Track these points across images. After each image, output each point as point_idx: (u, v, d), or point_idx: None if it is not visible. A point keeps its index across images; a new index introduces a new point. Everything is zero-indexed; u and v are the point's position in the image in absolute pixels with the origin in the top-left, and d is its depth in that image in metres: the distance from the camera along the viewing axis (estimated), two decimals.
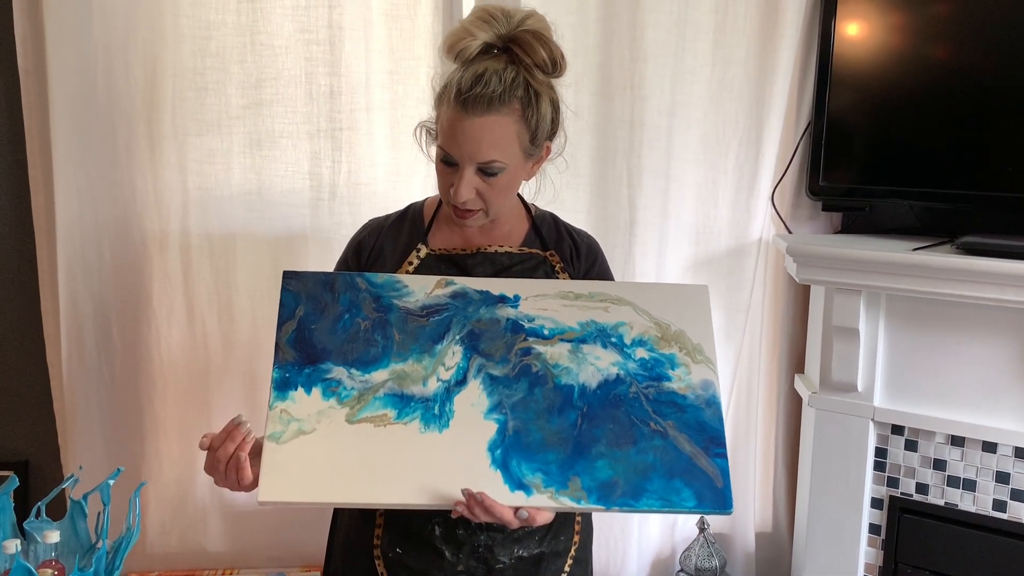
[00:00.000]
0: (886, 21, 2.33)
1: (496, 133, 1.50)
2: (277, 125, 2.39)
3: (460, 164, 1.52)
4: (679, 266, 2.54)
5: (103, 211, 2.38)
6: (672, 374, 1.52)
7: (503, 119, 1.50)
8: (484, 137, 1.50)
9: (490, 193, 1.55)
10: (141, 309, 2.44)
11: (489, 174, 1.53)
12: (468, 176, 1.52)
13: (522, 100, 1.51)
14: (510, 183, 1.58)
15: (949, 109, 2.28)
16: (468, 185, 1.52)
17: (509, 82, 1.49)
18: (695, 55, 2.44)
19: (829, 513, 2.41)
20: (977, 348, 2.21)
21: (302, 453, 1.42)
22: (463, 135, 1.49)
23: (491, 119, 1.49)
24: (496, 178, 1.54)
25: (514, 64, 1.52)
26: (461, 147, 1.50)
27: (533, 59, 1.53)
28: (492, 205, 1.58)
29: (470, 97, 1.47)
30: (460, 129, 1.49)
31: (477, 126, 1.49)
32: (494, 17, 1.52)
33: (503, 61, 1.51)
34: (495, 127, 1.50)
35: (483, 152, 1.50)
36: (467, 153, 1.51)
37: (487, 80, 1.48)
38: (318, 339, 1.51)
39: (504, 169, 1.53)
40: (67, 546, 1.86)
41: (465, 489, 1.38)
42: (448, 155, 1.53)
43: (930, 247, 2.24)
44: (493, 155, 1.51)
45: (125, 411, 2.47)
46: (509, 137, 1.52)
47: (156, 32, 2.33)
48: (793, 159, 2.51)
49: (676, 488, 1.43)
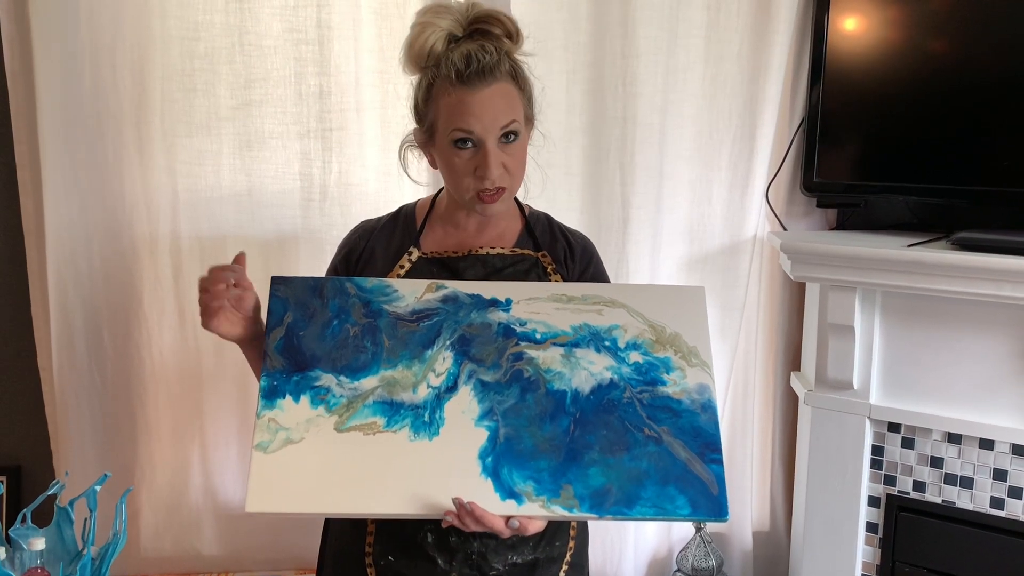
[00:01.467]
0: (880, 15, 2.31)
1: (506, 97, 1.52)
2: (267, 126, 2.38)
3: (482, 139, 1.51)
4: (673, 264, 2.53)
5: (92, 214, 2.36)
6: (667, 378, 1.50)
7: (504, 85, 1.52)
8: (497, 103, 1.51)
9: (513, 164, 1.55)
10: (132, 313, 2.42)
11: (509, 141, 1.53)
12: (493, 149, 1.51)
13: (509, 69, 1.54)
14: (524, 153, 1.59)
15: (944, 104, 2.27)
16: (496, 159, 1.52)
17: (495, 54, 1.51)
18: (687, 51, 2.42)
19: (826, 511, 2.40)
20: (974, 345, 2.20)
21: (290, 463, 1.41)
22: (479, 107, 1.50)
23: (496, 86, 1.51)
24: (515, 145, 1.54)
25: (488, 40, 1.54)
26: (481, 119, 1.50)
27: (502, 29, 1.55)
28: (516, 179, 1.58)
29: (470, 73, 1.49)
30: (473, 103, 1.50)
31: (487, 95, 1.50)
32: (445, 8, 1.55)
33: (475, 41, 1.53)
34: (502, 92, 1.52)
35: (502, 116, 1.51)
36: (488, 122, 1.50)
37: (476, 56, 1.50)
38: (307, 346, 1.50)
39: (519, 133, 1.55)
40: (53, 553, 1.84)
41: (456, 499, 1.37)
42: (467, 136, 1.51)
43: (925, 243, 2.23)
44: (511, 115, 1.53)
45: (117, 415, 2.45)
46: (515, 100, 1.55)
47: (144, 33, 2.31)
48: (787, 156, 2.49)
49: (670, 495, 1.41)
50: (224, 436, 2.49)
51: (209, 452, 2.49)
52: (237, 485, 2.52)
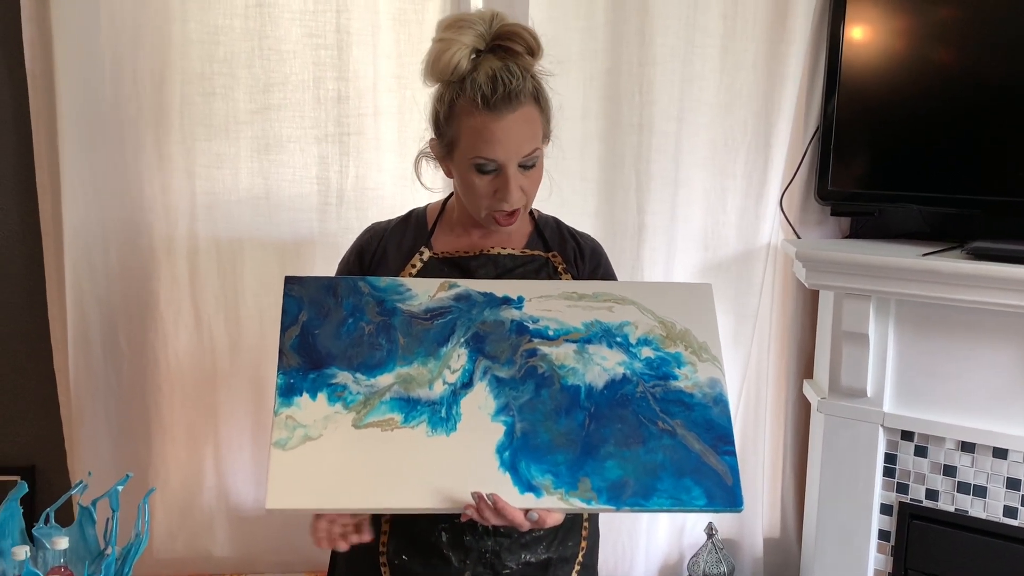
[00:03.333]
0: (895, 25, 2.32)
1: (529, 123, 1.52)
2: (285, 130, 2.39)
3: (504, 166, 1.51)
4: (688, 271, 2.53)
5: (110, 215, 2.38)
6: (678, 373, 1.52)
7: (528, 110, 1.52)
8: (522, 131, 1.51)
9: (530, 186, 1.56)
10: (148, 314, 2.44)
11: (528, 167, 1.54)
12: (514, 175, 1.52)
13: (532, 90, 1.53)
14: (541, 172, 1.59)
15: (959, 113, 2.27)
16: (516, 183, 1.53)
17: (517, 73, 1.50)
18: (704, 60, 2.43)
19: (838, 519, 2.40)
20: (987, 354, 2.20)
21: (309, 459, 1.41)
22: (503, 134, 1.49)
23: (521, 112, 1.50)
24: (534, 169, 1.55)
25: (510, 57, 1.53)
26: (506, 147, 1.50)
27: (524, 46, 1.54)
28: (532, 197, 1.59)
29: (497, 99, 1.48)
30: (498, 130, 1.49)
31: (511, 123, 1.50)
32: (467, 22, 1.52)
33: (498, 58, 1.52)
34: (526, 119, 1.52)
35: (525, 145, 1.52)
36: (512, 151, 1.51)
37: (502, 79, 1.48)
38: (322, 344, 1.51)
39: (539, 158, 1.56)
40: (76, 552, 1.86)
41: (475, 492, 1.37)
42: (488, 161, 1.51)
43: (940, 252, 2.23)
44: (534, 144, 1.53)
45: (132, 416, 2.47)
46: (537, 125, 1.54)
47: (164, 37, 2.33)
48: (802, 164, 2.50)
49: (686, 487, 1.42)
50: (238, 438, 2.50)
51: (223, 454, 2.50)
52: (250, 487, 2.53)
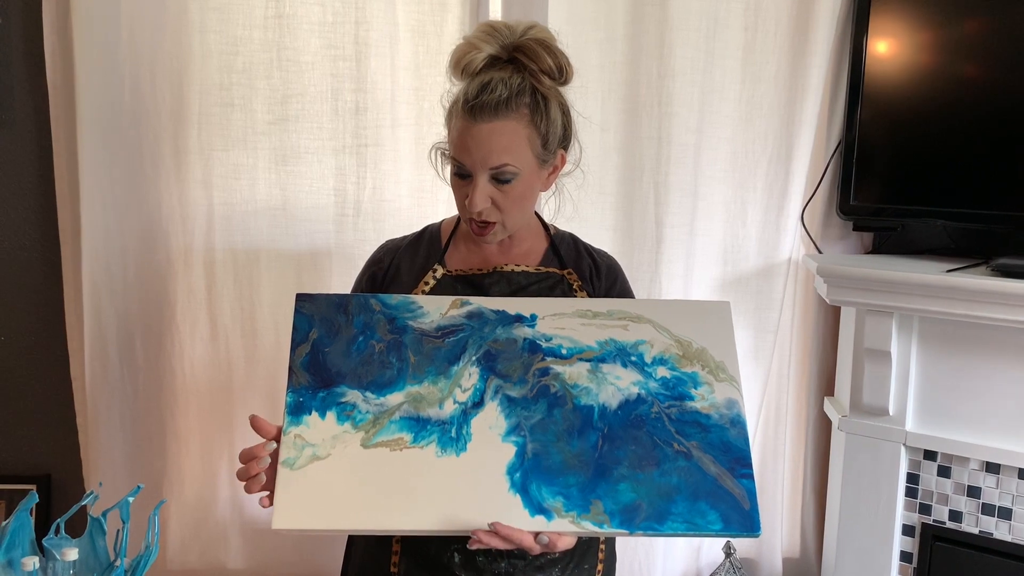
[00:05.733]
0: (918, 38, 2.29)
1: (505, 137, 1.50)
2: (303, 141, 2.39)
3: (473, 173, 1.51)
4: (707, 285, 2.51)
5: (128, 226, 2.39)
6: (695, 393, 1.48)
7: (511, 123, 1.50)
8: (494, 142, 1.50)
9: (505, 203, 1.54)
10: (165, 324, 2.44)
11: (502, 181, 1.52)
12: (481, 184, 1.51)
13: (530, 105, 1.51)
14: (524, 192, 1.56)
15: (983, 127, 2.24)
16: (482, 194, 1.52)
17: (515, 88, 1.50)
18: (724, 72, 2.41)
19: (859, 540, 2.36)
20: (1013, 372, 2.16)
21: (317, 479, 1.40)
22: (473, 141, 1.49)
23: (499, 124, 1.49)
24: (510, 186, 1.53)
25: (520, 71, 1.52)
26: (472, 154, 1.50)
27: (539, 65, 1.53)
28: (509, 216, 1.56)
29: (477, 104, 1.48)
30: (469, 136, 1.49)
31: (485, 132, 1.49)
32: (497, 30, 1.53)
33: (509, 70, 1.52)
34: (504, 131, 1.50)
35: (494, 157, 1.50)
36: (478, 160, 1.50)
37: (493, 87, 1.48)
38: (332, 362, 1.49)
39: (517, 175, 1.52)
40: (85, 564, 1.84)
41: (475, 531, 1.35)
42: (461, 165, 1.52)
43: (964, 268, 2.19)
44: (504, 159, 1.50)
45: (147, 426, 2.47)
46: (519, 142, 1.51)
47: (183, 48, 2.34)
48: (823, 178, 2.47)
49: (701, 511, 1.39)
50: None
51: (238, 465, 2.49)
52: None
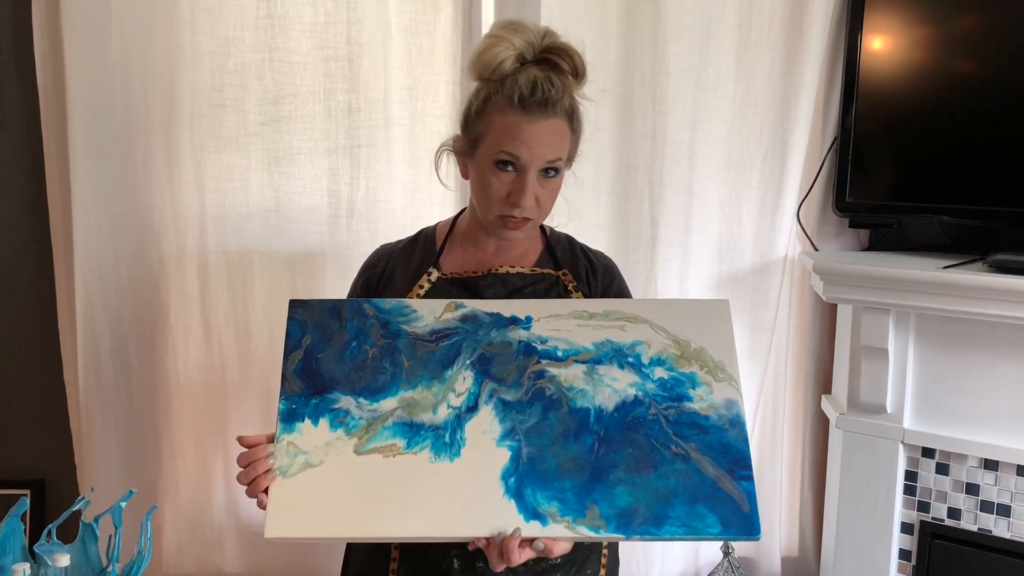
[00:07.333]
0: (913, 34, 2.28)
1: (559, 135, 1.52)
2: (295, 142, 2.38)
3: (525, 168, 1.50)
4: (702, 283, 2.50)
5: (120, 229, 2.38)
6: (693, 394, 1.47)
7: (560, 123, 1.52)
8: (551, 139, 1.51)
9: (546, 197, 1.55)
10: (158, 327, 2.43)
11: (549, 176, 1.53)
12: (532, 179, 1.51)
13: (568, 108, 1.53)
14: (558, 188, 1.58)
15: (978, 123, 2.23)
16: (532, 189, 1.51)
17: (561, 89, 1.51)
18: (718, 69, 2.40)
19: (857, 538, 2.35)
20: (1011, 369, 2.15)
21: (310, 486, 1.39)
22: (532, 136, 1.49)
23: (553, 122, 1.51)
24: (553, 180, 1.54)
25: (555, 72, 1.53)
26: (531, 149, 1.49)
27: (570, 66, 1.54)
28: (544, 211, 1.57)
29: (534, 102, 1.48)
30: (527, 131, 1.49)
31: (542, 128, 1.49)
32: (519, 27, 1.53)
33: (543, 69, 1.52)
34: (557, 129, 1.51)
35: (550, 151, 1.51)
36: (537, 155, 1.50)
37: (543, 86, 1.49)
38: (325, 368, 1.48)
39: (560, 170, 1.55)
40: (77, 570, 1.83)
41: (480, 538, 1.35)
42: (512, 158, 1.50)
43: (961, 265, 2.18)
44: (559, 153, 1.52)
45: (142, 430, 2.46)
46: (565, 140, 1.54)
47: (174, 49, 2.33)
48: (819, 175, 2.46)
49: (700, 514, 1.37)
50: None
51: (233, 469, 2.47)
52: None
